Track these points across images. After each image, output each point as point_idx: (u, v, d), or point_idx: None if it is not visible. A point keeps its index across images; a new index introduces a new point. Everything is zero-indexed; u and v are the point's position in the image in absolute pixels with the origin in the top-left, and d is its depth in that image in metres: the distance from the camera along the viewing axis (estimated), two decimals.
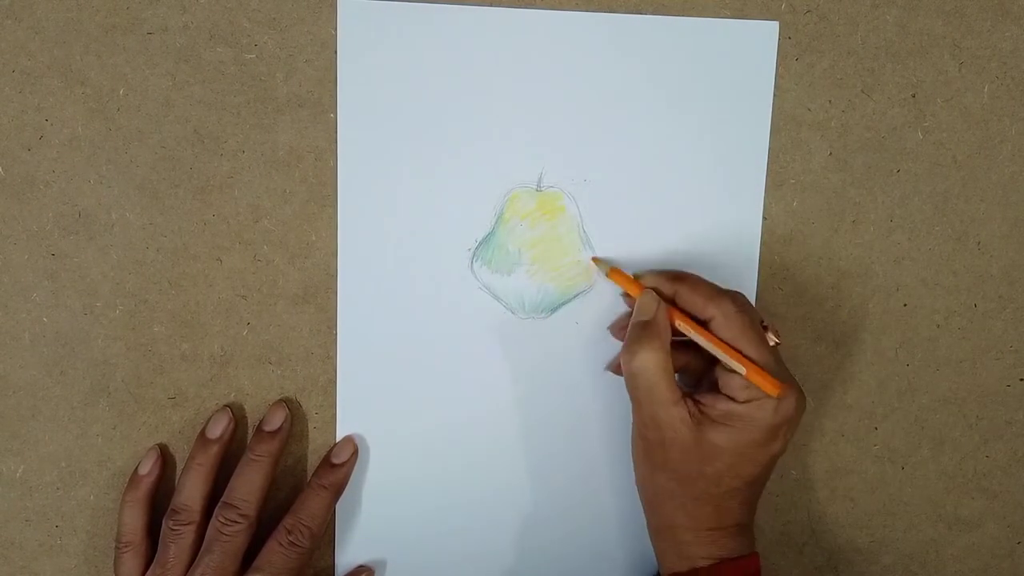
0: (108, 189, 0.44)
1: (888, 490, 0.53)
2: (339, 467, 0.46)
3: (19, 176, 0.43)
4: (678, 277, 0.44)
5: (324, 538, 0.47)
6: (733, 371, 0.41)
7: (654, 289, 0.44)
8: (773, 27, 0.47)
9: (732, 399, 0.42)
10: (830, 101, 0.48)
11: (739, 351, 0.41)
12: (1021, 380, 0.53)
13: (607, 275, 0.46)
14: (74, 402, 0.45)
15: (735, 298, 0.43)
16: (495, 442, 0.49)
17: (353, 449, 0.47)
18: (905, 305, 0.51)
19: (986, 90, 0.49)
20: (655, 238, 0.48)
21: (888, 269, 0.50)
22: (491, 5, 0.45)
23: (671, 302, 0.44)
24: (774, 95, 0.48)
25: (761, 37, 0.47)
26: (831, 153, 0.49)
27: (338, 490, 0.46)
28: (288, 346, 0.46)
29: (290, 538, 0.44)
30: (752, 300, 0.49)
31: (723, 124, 0.47)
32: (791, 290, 0.50)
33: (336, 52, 0.44)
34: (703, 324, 0.43)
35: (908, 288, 0.51)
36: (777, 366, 0.42)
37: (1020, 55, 0.49)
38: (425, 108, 0.45)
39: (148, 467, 0.45)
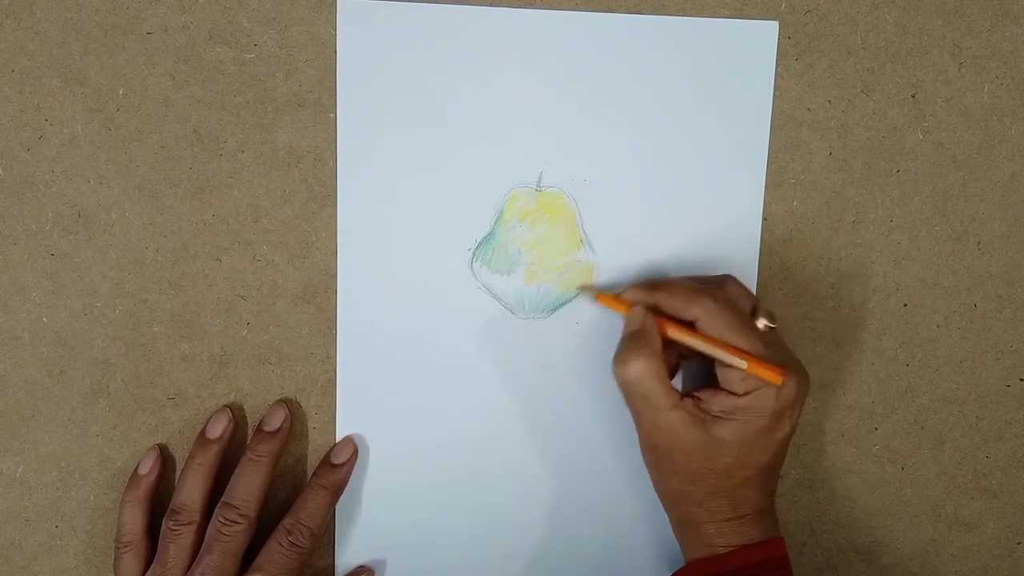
0: (108, 189, 0.44)
1: (888, 490, 0.53)
2: (339, 467, 0.46)
3: (19, 176, 0.43)
4: (657, 285, 0.44)
5: (324, 538, 0.47)
6: (730, 366, 0.41)
7: (639, 303, 0.44)
8: (773, 27, 0.47)
9: (732, 393, 0.42)
10: (830, 101, 0.48)
11: (731, 345, 0.41)
12: (1021, 380, 0.53)
13: (594, 300, 0.47)
14: (74, 402, 0.45)
15: (715, 294, 0.42)
16: (495, 442, 0.49)
17: (353, 449, 0.47)
18: (905, 305, 0.51)
19: (986, 90, 0.49)
20: (655, 238, 0.48)
21: (888, 269, 0.50)
22: (491, 5, 0.45)
23: (657, 311, 0.44)
24: (774, 95, 0.48)
25: (761, 37, 0.47)
26: (831, 153, 0.49)
27: (338, 490, 0.46)
28: (288, 346, 0.46)
29: (290, 538, 0.44)
30: None
31: (723, 124, 0.47)
32: (791, 290, 0.50)
33: (336, 52, 0.44)
34: (691, 326, 0.43)
35: (908, 288, 0.51)
36: (772, 350, 0.42)
37: (1020, 55, 0.49)
38: (425, 108, 0.45)
39: (148, 467, 0.45)
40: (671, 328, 0.43)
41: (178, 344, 0.46)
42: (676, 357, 0.46)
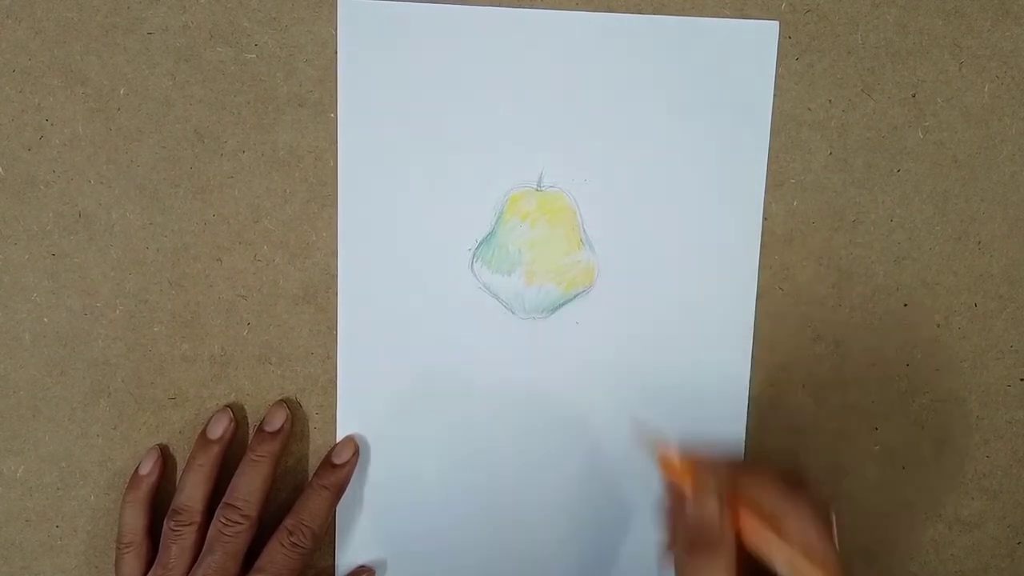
0: (108, 189, 0.44)
1: (888, 490, 0.53)
2: (340, 467, 0.46)
3: (19, 176, 0.43)
4: (740, 466, 0.38)
5: (325, 538, 0.47)
6: None
7: (715, 486, 0.36)
8: (773, 27, 0.47)
9: None
10: (830, 101, 0.48)
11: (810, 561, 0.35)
12: (1021, 380, 0.53)
13: (655, 462, 0.39)
14: (74, 402, 0.45)
15: (812, 498, 0.36)
16: (495, 442, 0.49)
17: (354, 449, 0.47)
18: (905, 305, 0.51)
19: (986, 90, 0.49)
20: (655, 238, 0.48)
21: (888, 269, 0.50)
22: (491, 5, 0.45)
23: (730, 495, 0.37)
24: (774, 95, 0.48)
25: (761, 37, 0.47)
26: (831, 153, 0.49)
27: (339, 490, 0.46)
28: (288, 346, 0.46)
29: (292, 539, 0.44)
30: (752, 300, 0.49)
31: (723, 124, 0.47)
32: (791, 290, 0.50)
33: (336, 52, 0.44)
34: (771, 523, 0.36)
35: (908, 288, 0.51)
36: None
37: (1020, 55, 0.49)
38: (425, 108, 0.45)
39: (148, 467, 0.45)
40: (746, 524, 0.35)
41: (179, 344, 0.46)
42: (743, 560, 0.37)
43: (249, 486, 0.44)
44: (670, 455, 0.38)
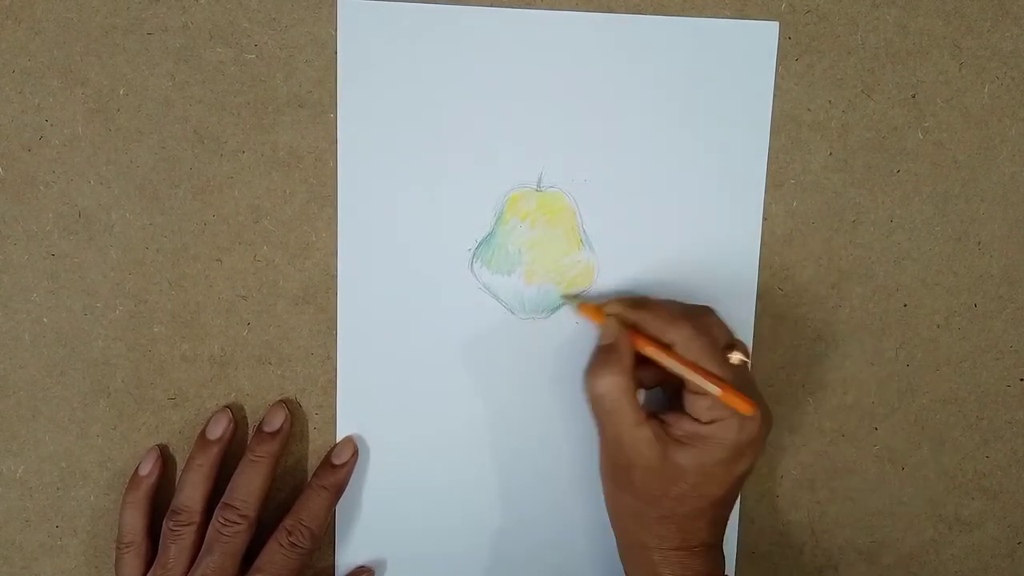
0: (108, 189, 0.44)
1: (888, 490, 0.53)
2: (339, 468, 0.46)
3: (19, 176, 0.43)
4: (640, 304, 0.44)
5: (324, 538, 0.47)
6: (698, 392, 0.41)
7: (618, 317, 0.44)
8: (773, 27, 0.47)
9: (696, 420, 0.42)
10: (830, 101, 0.48)
11: (706, 371, 0.41)
12: (1021, 380, 0.53)
13: (577, 310, 0.47)
14: (74, 402, 0.45)
15: (695, 321, 0.42)
16: (495, 442, 0.49)
17: (353, 449, 0.47)
18: (905, 305, 0.51)
19: (986, 90, 0.49)
20: (655, 238, 0.48)
21: (888, 269, 0.50)
22: (491, 5, 0.45)
23: (637, 329, 0.43)
24: (774, 95, 0.48)
25: (761, 37, 0.47)
26: (831, 153, 0.49)
27: (338, 491, 0.46)
28: (288, 346, 0.46)
29: (290, 539, 0.44)
30: (752, 300, 0.49)
31: (723, 124, 0.47)
32: (791, 290, 0.50)
33: (336, 52, 0.44)
34: (668, 348, 0.43)
35: (908, 288, 0.51)
36: (741, 386, 0.42)
37: (1020, 55, 0.49)
38: (425, 108, 0.45)
39: (148, 468, 0.45)
40: (649, 347, 0.42)
41: (178, 344, 0.46)
42: (651, 379, 0.45)
43: (248, 486, 0.44)
44: (590, 303, 0.46)
